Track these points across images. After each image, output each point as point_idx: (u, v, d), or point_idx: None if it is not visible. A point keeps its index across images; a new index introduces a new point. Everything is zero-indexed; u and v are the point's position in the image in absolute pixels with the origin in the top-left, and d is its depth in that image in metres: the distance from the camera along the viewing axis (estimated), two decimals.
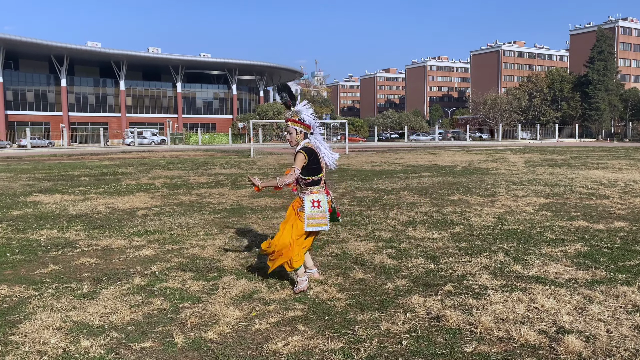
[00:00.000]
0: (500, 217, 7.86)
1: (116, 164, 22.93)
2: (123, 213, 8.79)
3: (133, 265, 5.31)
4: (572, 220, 7.46)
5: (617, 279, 4.56)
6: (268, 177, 15.37)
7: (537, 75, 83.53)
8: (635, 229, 6.80)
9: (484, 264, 5.17)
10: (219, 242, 6.28)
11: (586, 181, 12.87)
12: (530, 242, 6.13)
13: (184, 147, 50.19)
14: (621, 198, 9.76)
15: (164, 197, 10.75)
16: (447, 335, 3.41)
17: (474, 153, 30.31)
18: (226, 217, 8.18)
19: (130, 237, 6.69)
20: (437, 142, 62.92)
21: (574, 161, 21.50)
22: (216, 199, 10.33)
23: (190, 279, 4.75)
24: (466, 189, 11.48)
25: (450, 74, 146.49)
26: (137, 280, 4.72)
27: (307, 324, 3.64)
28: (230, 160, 25.44)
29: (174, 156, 30.40)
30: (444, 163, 21.04)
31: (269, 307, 3.98)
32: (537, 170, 16.57)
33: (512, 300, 4.02)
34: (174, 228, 7.29)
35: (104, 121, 71.86)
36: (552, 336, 3.35)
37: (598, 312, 3.75)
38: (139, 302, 4.15)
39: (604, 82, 72.69)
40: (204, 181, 14.19)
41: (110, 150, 41.92)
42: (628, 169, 16.85)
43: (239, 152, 35.16)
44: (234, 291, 4.34)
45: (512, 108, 75.14)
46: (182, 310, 3.96)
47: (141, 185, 13.16)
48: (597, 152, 29.82)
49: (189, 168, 19.61)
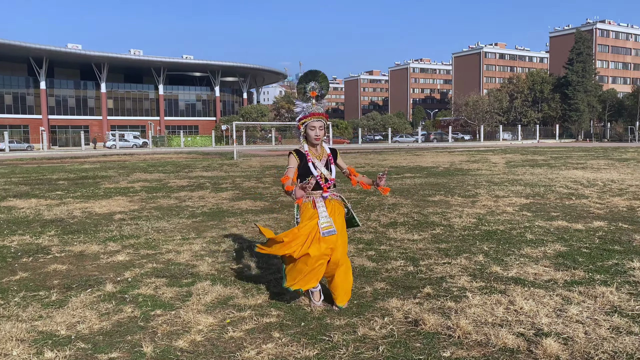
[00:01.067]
0: (480, 217, 7.85)
1: (96, 167, 22.57)
2: (99, 217, 8.60)
3: (106, 272, 5.15)
4: (551, 221, 7.47)
5: (595, 279, 4.55)
6: (250, 179, 15.24)
7: (518, 77, 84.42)
8: (614, 229, 6.83)
9: (464, 265, 5.13)
10: (196, 247, 6.15)
11: (566, 181, 12.97)
12: (510, 242, 6.11)
13: (166, 150, 49.70)
14: (600, 198, 9.83)
15: (143, 201, 10.56)
16: (424, 340, 3.34)
17: (456, 154, 30.47)
18: (205, 221, 8.04)
19: (105, 243, 6.52)
20: (420, 143, 63.22)
21: (554, 161, 21.72)
22: (196, 203, 10.17)
23: (164, 285, 4.62)
24: (447, 190, 11.48)
25: (433, 75, 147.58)
26: (108, 287, 4.58)
27: (283, 331, 3.55)
28: (212, 162, 25.22)
29: (156, 159, 30.05)
30: (427, 164, 21.09)
31: (244, 313, 3.88)
32: (518, 171, 16.68)
33: (491, 303, 3.97)
34: (151, 233, 7.14)
35: (84, 124, 70.90)
36: (531, 339, 3.30)
37: (576, 313, 3.72)
38: (109, 310, 4.01)
39: (583, 84, 73.74)
40: (184, 184, 14.00)
41: (91, 154, 41.32)
42: (606, 169, 17.04)
43: (222, 155, 34.89)
44: (208, 297, 4.22)
45: (494, 109, 75.82)
46: (154, 318, 3.84)
47: (120, 189, 12.93)
48: (576, 153, 30.19)
49: (170, 171, 19.38)
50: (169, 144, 63.65)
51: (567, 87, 74.54)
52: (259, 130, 71.51)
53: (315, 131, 4.03)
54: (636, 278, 4.55)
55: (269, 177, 16.09)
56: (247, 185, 13.43)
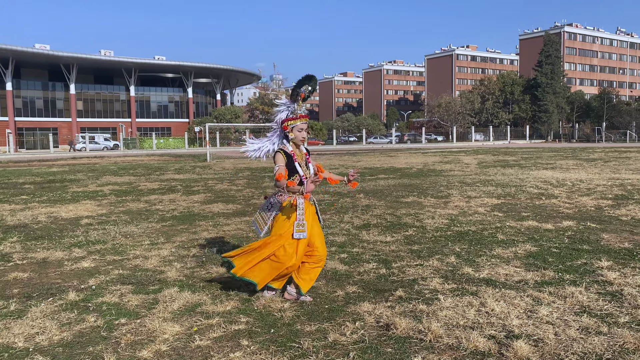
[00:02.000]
0: (452, 218, 7.88)
1: (65, 170, 22.01)
2: (65, 222, 8.34)
3: (69, 279, 4.97)
4: (522, 221, 7.55)
5: (565, 279, 4.58)
6: (223, 182, 15.05)
7: (489, 79, 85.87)
8: (582, 228, 6.93)
9: (436, 267, 5.11)
10: (165, 252, 6.00)
11: (536, 181, 13.17)
12: (482, 243, 6.13)
13: (137, 152, 48.87)
14: (569, 197, 10.00)
15: (111, 205, 10.31)
16: (395, 345, 3.30)
17: (429, 155, 30.75)
18: (175, 225, 7.87)
19: (69, 249, 6.31)
20: (394, 144, 63.65)
21: (524, 162, 22.08)
22: (166, 206, 9.97)
23: (130, 293, 4.47)
24: (420, 191, 11.53)
25: (406, 77, 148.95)
26: (71, 295, 4.41)
27: (251, 338, 3.45)
28: (185, 165, 24.87)
29: (127, 162, 29.49)
30: (400, 165, 21.20)
31: (212, 320, 3.77)
32: (490, 171, 16.89)
33: (462, 305, 3.95)
34: (118, 238, 6.94)
35: (53, 126, 69.20)
36: (502, 342, 3.28)
37: (546, 314, 3.72)
38: (70, 320, 3.85)
39: (552, 85, 75.44)
40: (155, 187, 13.74)
41: (60, 156, 40.34)
42: (575, 169, 17.40)
43: (195, 157, 34.46)
44: (175, 305, 4.10)
45: (466, 111, 76.92)
46: (118, 327, 3.70)
47: (88, 193, 12.61)
48: (546, 153, 30.79)
49: (141, 174, 19.01)
50: (141, 146, 62.62)
51: (536, 88, 76.16)
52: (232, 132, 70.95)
53: (303, 133, 4.21)
54: (604, 277, 4.60)
55: (242, 179, 15.93)
56: (219, 188, 13.25)
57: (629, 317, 3.66)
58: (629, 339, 3.24)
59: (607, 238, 6.28)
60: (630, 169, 16.83)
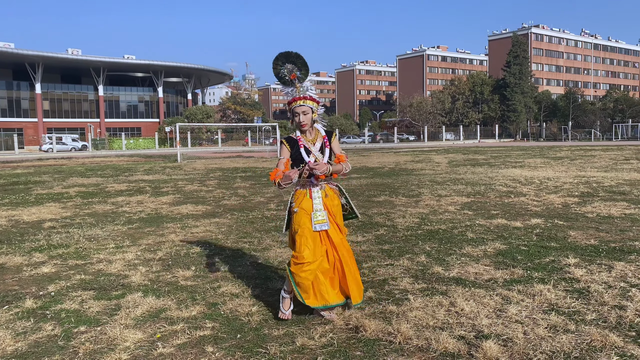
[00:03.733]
0: (423, 217, 7.89)
1: (29, 172, 21.34)
2: (27, 226, 8.04)
3: (27, 286, 4.76)
4: (492, 219, 7.60)
5: (533, 277, 4.60)
6: (193, 182, 14.81)
7: (459, 79, 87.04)
8: (550, 226, 7.01)
9: (406, 266, 5.08)
10: (130, 256, 5.82)
11: (505, 179, 13.35)
12: (452, 242, 6.14)
13: (106, 153, 47.86)
14: (537, 195, 10.14)
15: (77, 207, 10.00)
16: (365, 348, 3.23)
17: (401, 154, 30.95)
18: (141, 227, 7.66)
19: (29, 253, 6.06)
20: (367, 144, 63.94)
21: (494, 160, 22.40)
22: (133, 208, 9.72)
23: (91, 299, 4.30)
24: (392, 190, 11.54)
25: (378, 77, 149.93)
26: (28, 302, 4.21)
27: (217, 344, 3.34)
28: (154, 165, 24.42)
29: (95, 162, 28.82)
30: (373, 165, 21.26)
31: (176, 327, 3.64)
32: (460, 170, 17.06)
33: (432, 305, 3.92)
34: (82, 241, 6.71)
35: (18, 126, 67.18)
36: (471, 342, 3.25)
37: (515, 313, 3.71)
38: (26, 329, 3.67)
39: (520, 85, 76.94)
40: (123, 189, 13.42)
41: (25, 158, 39.19)
42: (543, 167, 17.72)
43: (165, 157, 33.92)
44: (138, 311, 3.95)
45: (437, 110, 77.80)
46: (76, 335, 3.54)
47: (53, 195, 12.22)
48: (515, 152, 31.33)
49: (109, 175, 18.57)
50: (110, 146, 61.40)
51: (505, 88, 77.57)
52: (204, 132, 70.17)
53: (300, 117, 3.74)
54: (571, 275, 4.64)
55: (213, 180, 15.70)
56: (189, 189, 13.02)
57: (596, 314, 3.68)
58: (595, 337, 3.25)
59: (573, 235, 6.36)
60: (595, 167, 17.22)
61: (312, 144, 3.80)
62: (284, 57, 3.82)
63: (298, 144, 3.77)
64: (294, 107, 3.76)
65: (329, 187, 3.83)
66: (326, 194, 3.79)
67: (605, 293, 4.12)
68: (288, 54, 3.83)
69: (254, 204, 10.01)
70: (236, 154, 37.89)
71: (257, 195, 11.26)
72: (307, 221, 3.68)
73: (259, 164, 24.22)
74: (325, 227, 3.68)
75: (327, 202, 3.76)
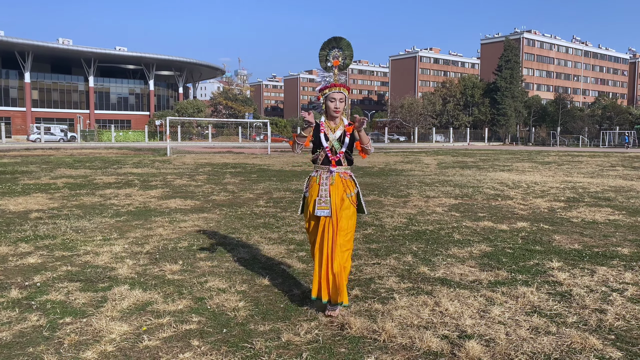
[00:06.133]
0: (411, 217, 7.95)
1: (17, 161, 21.13)
2: (13, 216, 7.98)
3: (13, 276, 4.74)
4: (478, 221, 7.68)
5: (517, 280, 4.66)
6: (182, 177, 14.76)
7: (451, 81, 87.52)
8: (535, 229, 7.10)
9: (393, 266, 5.13)
10: (117, 248, 5.80)
11: (493, 182, 13.47)
12: (439, 242, 6.20)
13: (95, 145, 47.48)
14: (523, 199, 10.25)
15: (64, 198, 9.94)
16: (349, 345, 3.27)
17: (391, 155, 31.06)
18: (129, 221, 7.63)
19: (15, 243, 6.02)
20: None
21: (482, 163, 22.57)
22: (121, 201, 9.68)
23: (77, 290, 4.29)
24: (381, 190, 11.60)
25: (371, 77, 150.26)
26: (13, 293, 4.20)
27: (203, 338, 3.36)
28: (144, 159, 24.29)
29: (84, 154, 28.59)
30: (363, 164, 21.32)
31: (163, 320, 3.65)
32: (449, 172, 17.17)
33: (417, 304, 3.97)
34: (69, 233, 6.68)
35: (6, 115, 66.52)
36: (454, 342, 3.30)
37: (499, 314, 3.77)
38: (11, 319, 3.66)
39: (511, 90, 77.52)
40: (111, 181, 13.34)
41: (13, 147, 38.77)
42: (530, 171, 17.90)
43: (154, 151, 33.73)
44: (124, 303, 3.95)
45: (428, 112, 78.19)
46: (62, 326, 3.53)
47: (40, 185, 12.12)
48: (504, 155, 31.58)
49: (98, 167, 18.45)
50: (99, 138, 60.93)
51: (496, 92, 78.11)
52: (195, 127, 69.89)
53: (335, 103, 3.78)
54: (555, 278, 4.71)
55: (202, 174, 15.66)
56: (178, 183, 12.98)
57: (577, 317, 3.75)
58: (576, 339, 3.31)
59: (558, 239, 6.45)
60: (582, 173, 17.43)
61: (332, 131, 3.84)
62: (335, 42, 3.88)
63: (320, 128, 3.83)
64: (332, 92, 3.78)
65: (338, 176, 3.84)
66: (333, 180, 3.81)
67: (587, 297, 4.19)
68: (339, 39, 3.88)
69: (243, 200, 10.01)
70: (226, 150, 37.76)
71: (247, 192, 11.26)
72: (311, 205, 3.83)
73: (249, 160, 24.17)
74: (324, 213, 3.73)
75: (332, 189, 3.79)
